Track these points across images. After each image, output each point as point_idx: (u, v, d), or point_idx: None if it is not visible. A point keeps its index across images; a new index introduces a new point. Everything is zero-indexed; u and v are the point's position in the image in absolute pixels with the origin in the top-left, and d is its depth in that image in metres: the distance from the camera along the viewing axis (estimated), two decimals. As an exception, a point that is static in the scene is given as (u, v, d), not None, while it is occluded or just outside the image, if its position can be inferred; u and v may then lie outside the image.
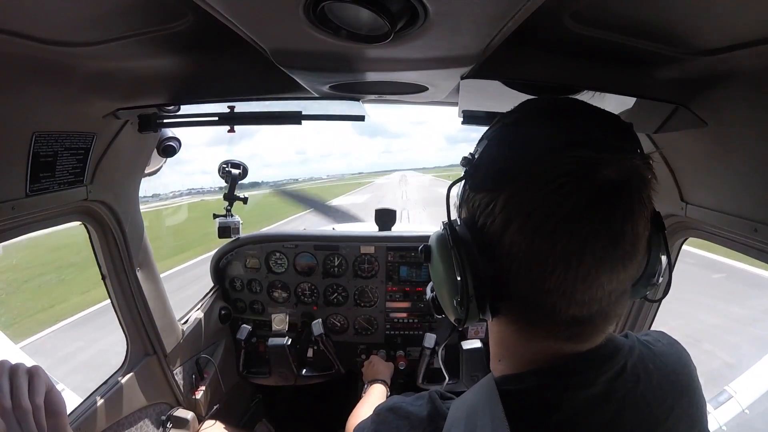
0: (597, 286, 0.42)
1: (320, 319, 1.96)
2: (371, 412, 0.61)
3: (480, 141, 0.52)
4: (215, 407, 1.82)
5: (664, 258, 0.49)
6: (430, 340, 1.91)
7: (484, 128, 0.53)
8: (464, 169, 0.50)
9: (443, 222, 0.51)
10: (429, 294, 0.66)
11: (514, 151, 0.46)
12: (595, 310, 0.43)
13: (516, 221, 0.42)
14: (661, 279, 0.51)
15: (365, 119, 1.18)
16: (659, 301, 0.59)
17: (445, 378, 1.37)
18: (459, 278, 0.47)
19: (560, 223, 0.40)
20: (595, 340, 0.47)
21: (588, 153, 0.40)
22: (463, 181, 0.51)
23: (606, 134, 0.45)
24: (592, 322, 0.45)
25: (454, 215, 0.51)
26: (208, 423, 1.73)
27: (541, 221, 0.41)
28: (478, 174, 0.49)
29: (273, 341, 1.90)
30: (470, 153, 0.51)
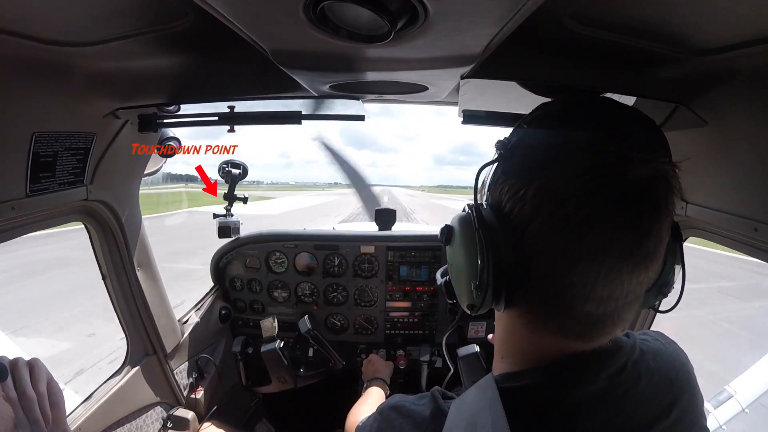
0: (618, 283, 0.42)
1: (306, 316, 1.94)
2: (373, 410, 0.62)
3: (517, 127, 0.52)
4: (215, 407, 1.82)
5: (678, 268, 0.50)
6: (425, 353, 1.93)
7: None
8: (498, 152, 0.50)
9: (468, 204, 0.51)
10: (440, 279, 0.65)
11: (552, 140, 0.46)
12: (610, 309, 0.43)
13: (546, 209, 0.42)
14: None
15: (365, 119, 1.18)
16: (666, 312, 0.59)
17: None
18: (480, 262, 0.46)
19: (590, 215, 0.40)
20: (601, 341, 0.47)
21: (622, 150, 0.40)
22: (493, 165, 0.50)
23: (640, 134, 0.46)
24: (603, 323, 0.44)
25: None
26: (209, 423, 1.73)
27: (572, 211, 0.41)
28: (513, 159, 0.48)
29: (265, 347, 1.87)
30: (505, 137, 0.51)
